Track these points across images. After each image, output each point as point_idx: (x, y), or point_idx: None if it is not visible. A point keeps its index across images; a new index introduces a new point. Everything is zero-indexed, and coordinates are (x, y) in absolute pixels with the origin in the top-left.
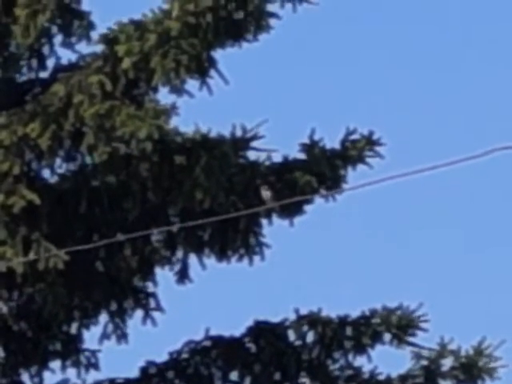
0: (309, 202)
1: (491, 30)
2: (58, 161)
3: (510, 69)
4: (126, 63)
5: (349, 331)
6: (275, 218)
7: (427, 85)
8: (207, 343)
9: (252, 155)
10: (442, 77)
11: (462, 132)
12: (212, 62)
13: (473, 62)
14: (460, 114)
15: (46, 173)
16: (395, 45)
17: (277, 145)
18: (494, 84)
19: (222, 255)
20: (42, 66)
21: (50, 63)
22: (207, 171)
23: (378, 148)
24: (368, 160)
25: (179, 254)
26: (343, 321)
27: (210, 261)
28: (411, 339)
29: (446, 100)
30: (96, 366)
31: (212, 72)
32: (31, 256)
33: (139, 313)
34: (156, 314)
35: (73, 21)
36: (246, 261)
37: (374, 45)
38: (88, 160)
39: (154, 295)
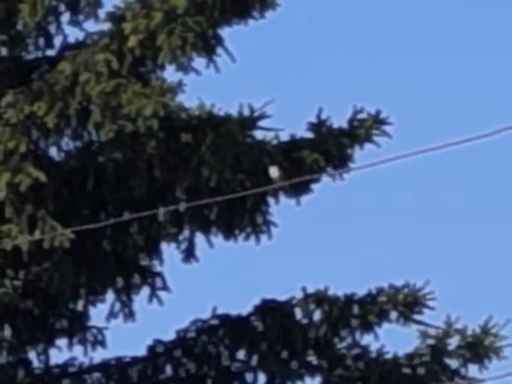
0: (316, 180)
1: (499, 8)
2: (65, 139)
3: None
4: (133, 41)
5: (355, 309)
6: (282, 197)
7: (435, 63)
8: (214, 322)
9: (259, 134)
10: (450, 55)
11: (471, 110)
12: (218, 40)
13: (482, 40)
14: (469, 92)
15: (52, 151)
16: (402, 23)
17: (284, 124)
18: (504, 62)
19: (229, 234)
20: (49, 44)
21: (57, 41)
22: (213, 149)
23: (385, 127)
24: (375, 139)
25: (186, 232)
26: (350, 299)
27: (217, 239)
28: (418, 317)
29: (455, 78)
30: (103, 344)
31: (219, 50)
32: (37, 234)
33: (145, 291)
34: (162, 294)
35: None
36: (253, 239)
37: (382, 23)
38: (95, 138)
39: (160, 274)
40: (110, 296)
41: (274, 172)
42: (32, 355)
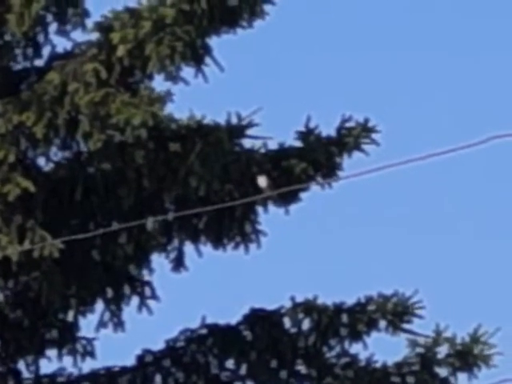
0: (305, 189)
1: (488, 17)
2: (54, 149)
3: (507, 56)
4: (121, 51)
5: (344, 318)
6: (271, 206)
7: (423, 71)
8: (203, 331)
9: (247, 143)
10: (438, 63)
11: (458, 120)
12: (207, 49)
13: (470, 49)
14: (458, 100)
15: (41, 161)
16: (390, 30)
17: (272, 132)
18: (491, 71)
19: (217, 243)
20: (38, 54)
21: (46, 51)
22: (202, 158)
23: (373, 135)
24: (364, 147)
25: (175, 242)
26: (339, 308)
27: (206, 249)
28: (407, 326)
29: (443, 87)
30: (92, 354)
31: (207, 59)
32: (26, 244)
33: (135, 301)
34: (151, 303)
35: (67, 9)
36: (242, 248)
37: (370, 31)
38: (83, 148)
39: (149, 284)
40: (100, 306)
41: (262, 181)
42: (22, 365)
